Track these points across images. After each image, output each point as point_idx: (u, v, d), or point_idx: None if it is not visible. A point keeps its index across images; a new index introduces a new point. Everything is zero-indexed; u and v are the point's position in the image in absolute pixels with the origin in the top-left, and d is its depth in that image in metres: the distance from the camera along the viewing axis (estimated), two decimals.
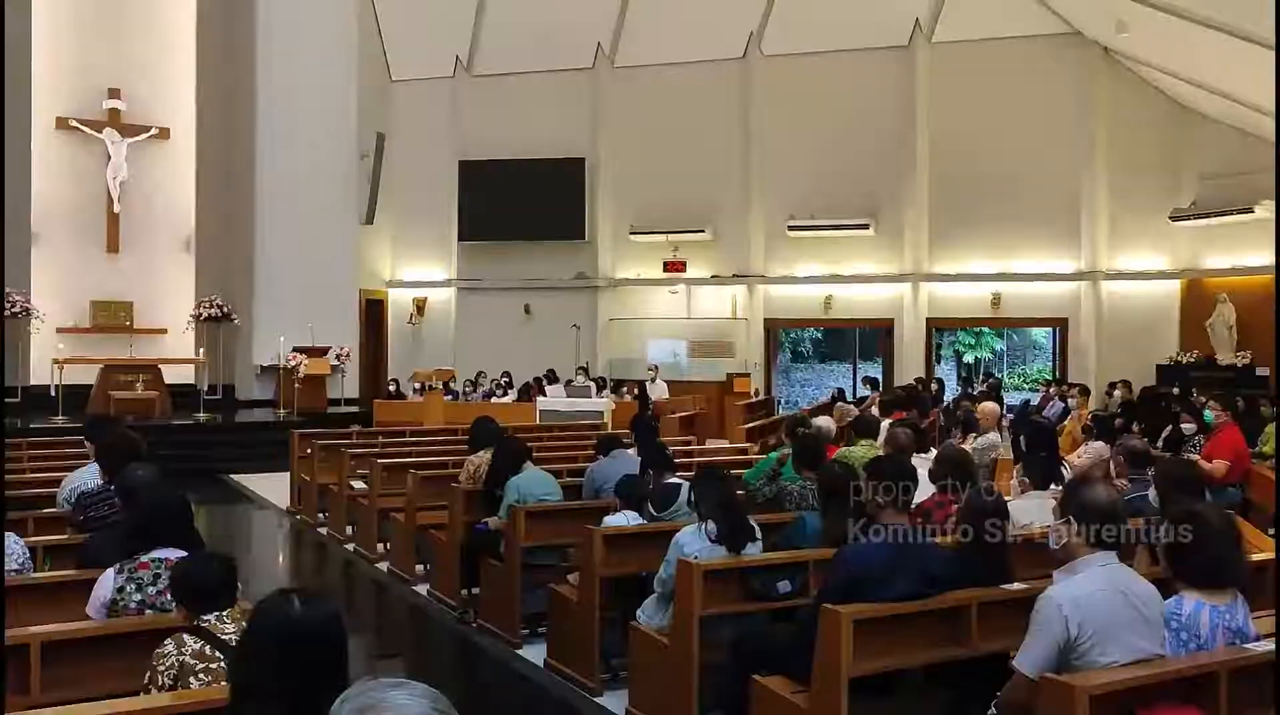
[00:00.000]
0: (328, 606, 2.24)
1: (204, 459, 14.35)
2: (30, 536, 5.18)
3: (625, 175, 20.18)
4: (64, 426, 13.78)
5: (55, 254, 18.01)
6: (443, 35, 20.43)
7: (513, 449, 7.18)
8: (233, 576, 3.18)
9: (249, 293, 18.36)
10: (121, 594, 3.73)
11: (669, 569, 4.93)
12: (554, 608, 6.07)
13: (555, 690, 5.79)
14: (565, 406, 15.40)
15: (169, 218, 18.96)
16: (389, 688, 1.47)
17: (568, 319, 19.50)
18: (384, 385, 19.22)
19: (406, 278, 21.53)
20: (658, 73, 19.88)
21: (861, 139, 18.83)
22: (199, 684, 2.91)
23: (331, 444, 11.03)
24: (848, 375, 23.93)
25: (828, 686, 3.81)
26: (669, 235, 19.94)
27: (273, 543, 11.14)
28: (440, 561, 7.66)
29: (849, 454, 6.89)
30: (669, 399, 17.20)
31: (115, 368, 16.43)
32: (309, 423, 15.11)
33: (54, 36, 17.85)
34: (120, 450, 5.21)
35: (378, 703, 1.44)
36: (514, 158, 20.19)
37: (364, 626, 7.76)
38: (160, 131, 18.72)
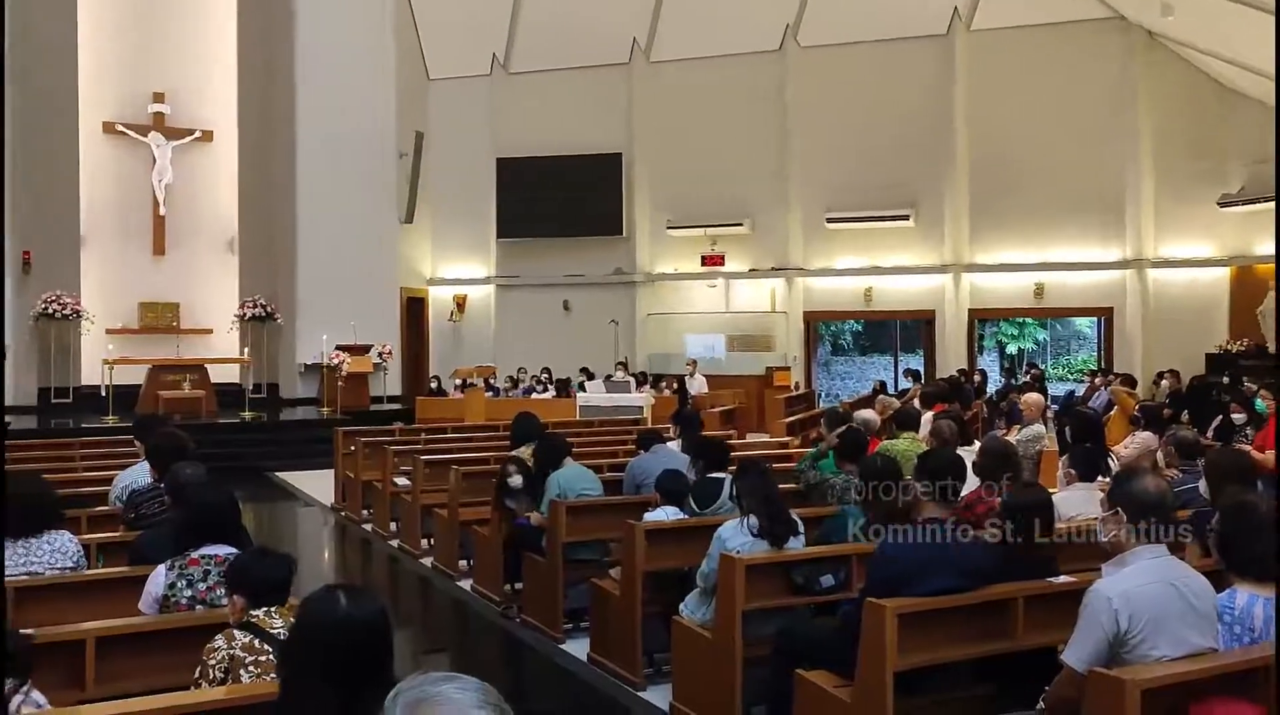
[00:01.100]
0: (373, 602, 2.27)
1: (250, 457, 14.54)
2: (84, 534, 5.28)
3: (662, 170, 20.15)
4: (115, 426, 14.05)
5: (104, 256, 18.34)
6: (479, 33, 20.52)
7: (553, 444, 7.21)
8: (292, 575, 3.24)
9: (292, 292, 18.59)
10: (173, 590, 3.79)
11: (711, 563, 4.92)
12: (596, 602, 6.08)
13: (599, 684, 5.81)
14: (605, 402, 15.43)
15: (213, 219, 19.22)
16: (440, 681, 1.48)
17: (606, 314, 19.54)
18: (426, 382, 19.39)
19: (446, 275, 21.67)
20: (693, 67, 19.84)
21: (900, 129, 18.66)
22: (249, 677, 2.95)
23: (375, 441, 11.12)
24: (889, 367, 23.77)
25: (872, 681, 3.79)
26: (707, 229, 19.90)
27: (318, 539, 11.27)
28: (483, 557, 7.71)
29: (891, 447, 6.84)
30: (708, 393, 17.17)
31: (163, 368, 16.71)
32: (352, 420, 15.28)
33: (99, 42, 18.15)
34: (169, 449, 5.29)
35: (430, 696, 1.44)
36: (551, 154, 20.24)
37: (409, 622, 7.83)
38: (203, 134, 18.98)
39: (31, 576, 4.20)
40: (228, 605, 3.23)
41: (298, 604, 2.60)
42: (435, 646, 7.25)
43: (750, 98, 19.65)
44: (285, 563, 3.23)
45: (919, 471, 4.29)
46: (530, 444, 7.54)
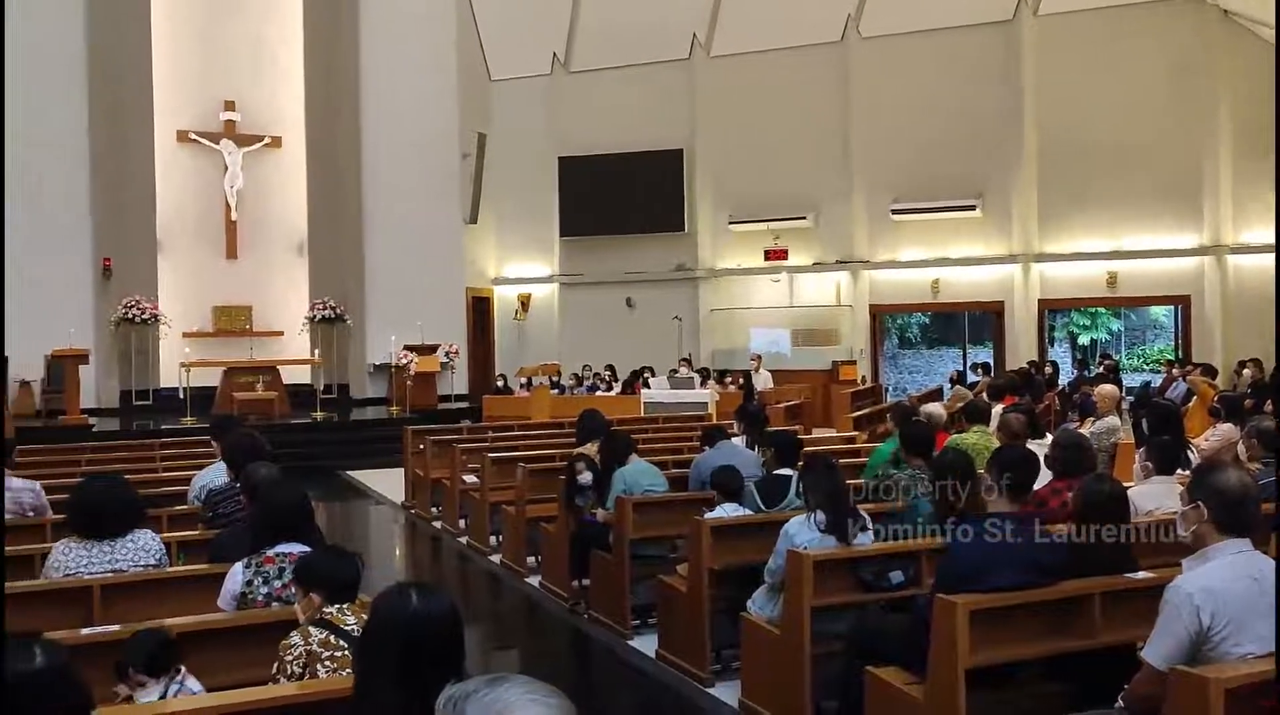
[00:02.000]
0: (444, 599, 2.30)
1: (322, 456, 14.82)
2: (165, 533, 5.42)
3: (724, 165, 20.09)
4: (192, 427, 14.43)
5: (179, 262, 18.83)
6: (540, 34, 20.65)
7: (618, 441, 7.23)
8: (360, 573, 3.30)
9: (360, 294, 18.92)
10: (250, 587, 3.88)
11: (778, 560, 4.90)
12: (663, 599, 6.09)
13: (667, 681, 5.82)
14: (669, 398, 15.42)
15: (283, 223, 19.62)
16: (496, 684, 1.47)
17: (669, 311, 19.54)
18: (492, 381, 19.57)
19: (510, 275, 21.85)
20: (754, 60, 19.74)
21: (965, 118, 18.36)
22: (325, 672, 3.01)
23: (443, 439, 11.27)
24: (957, 360, 23.41)
25: (944, 678, 3.74)
26: (769, 223, 19.79)
27: (389, 536, 11.44)
28: (550, 554, 7.77)
29: (961, 440, 6.74)
30: (773, 388, 17.08)
31: (237, 370, 17.11)
32: (421, 419, 15.50)
33: (172, 54, 18.63)
34: (244, 449, 5.42)
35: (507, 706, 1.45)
36: (612, 152, 20.30)
37: (478, 618, 7.91)
38: (272, 140, 19.38)
39: (116, 574, 4.33)
40: (299, 603, 3.30)
41: (369, 601, 2.65)
42: (504, 643, 7.32)
43: (812, 90, 19.49)
44: (354, 561, 3.29)
45: (991, 466, 4.22)
46: (596, 441, 7.57)
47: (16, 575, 4.93)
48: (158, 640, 3.28)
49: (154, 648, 3.24)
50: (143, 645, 3.24)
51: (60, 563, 4.34)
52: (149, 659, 3.21)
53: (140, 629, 3.39)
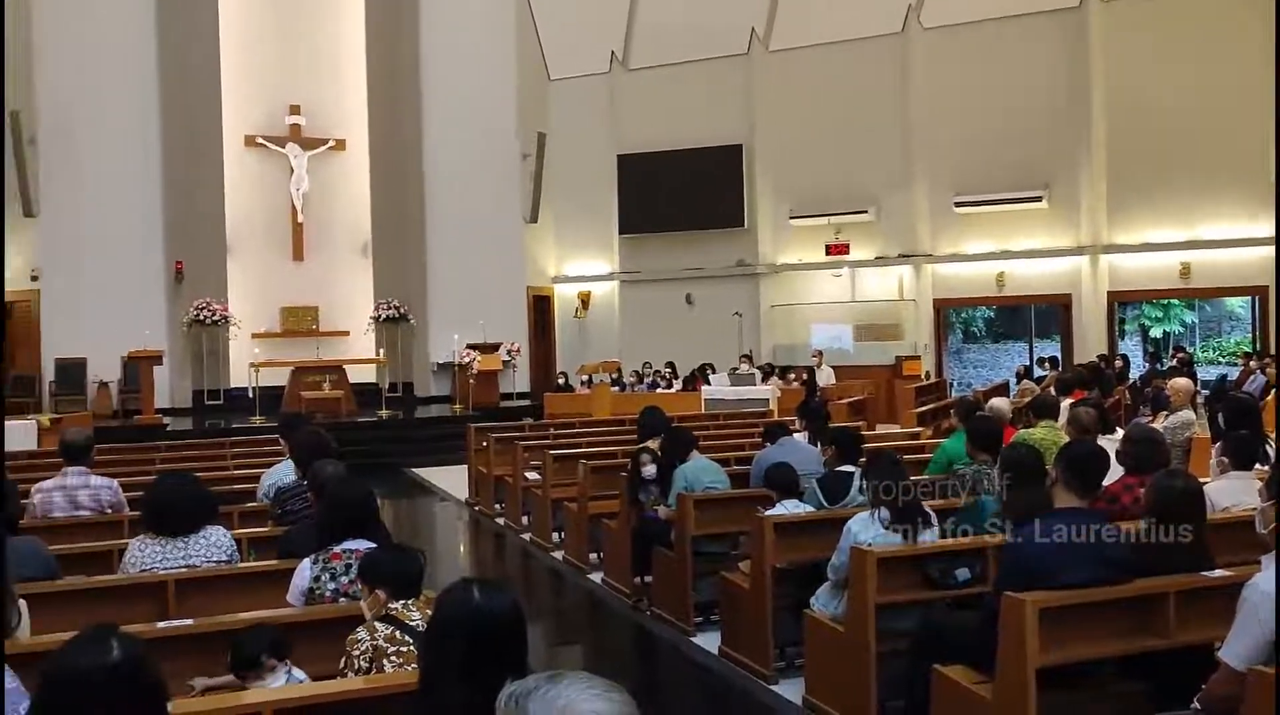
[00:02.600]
0: (506, 595, 2.31)
1: (387, 454, 15.04)
2: (235, 529, 5.53)
3: (783, 160, 19.95)
4: (261, 426, 14.74)
5: (248, 264, 19.25)
6: (598, 32, 20.70)
7: (680, 437, 7.23)
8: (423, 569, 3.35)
9: (423, 293, 19.17)
10: (317, 583, 3.95)
11: (841, 556, 4.85)
12: (726, 596, 6.07)
13: (730, 678, 5.80)
14: (730, 395, 15.37)
15: (347, 225, 19.95)
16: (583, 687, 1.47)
17: (730, 307, 19.46)
18: (553, 378, 19.68)
19: (570, 273, 21.94)
20: (813, 54, 19.57)
21: (1030, 107, 18.01)
22: (391, 667, 3.05)
23: (505, 437, 11.36)
24: (1023, 354, 22.98)
25: (1013, 678, 3.68)
26: (830, 218, 19.61)
27: (454, 533, 11.57)
28: (612, 550, 7.79)
29: (1029, 436, 6.61)
30: (836, 384, 16.93)
31: (304, 369, 17.44)
32: (483, 417, 15.66)
33: (238, 61, 19.05)
34: (311, 447, 5.51)
35: (570, 702, 1.45)
36: (671, 149, 20.27)
37: (541, 614, 7.96)
38: (337, 143, 19.72)
39: (189, 570, 4.43)
40: (364, 600, 3.34)
41: (434, 597, 2.68)
42: (567, 639, 7.36)
43: (873, 82, 19.27)
44: (417, 557, 3.34)
45: (1058, 461, 4.14)
46: (657, 437, 7.57)
47: (96, 570, 5.09)
48: (275, 632, 3.46)
49: (277, 636, 3.43)
50: (266, 636, 3.42)
51: (136, 558, 4.45)
52: (275, 646, 3.40)
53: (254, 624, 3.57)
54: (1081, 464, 4.06)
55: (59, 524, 5.97)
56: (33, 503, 6.14)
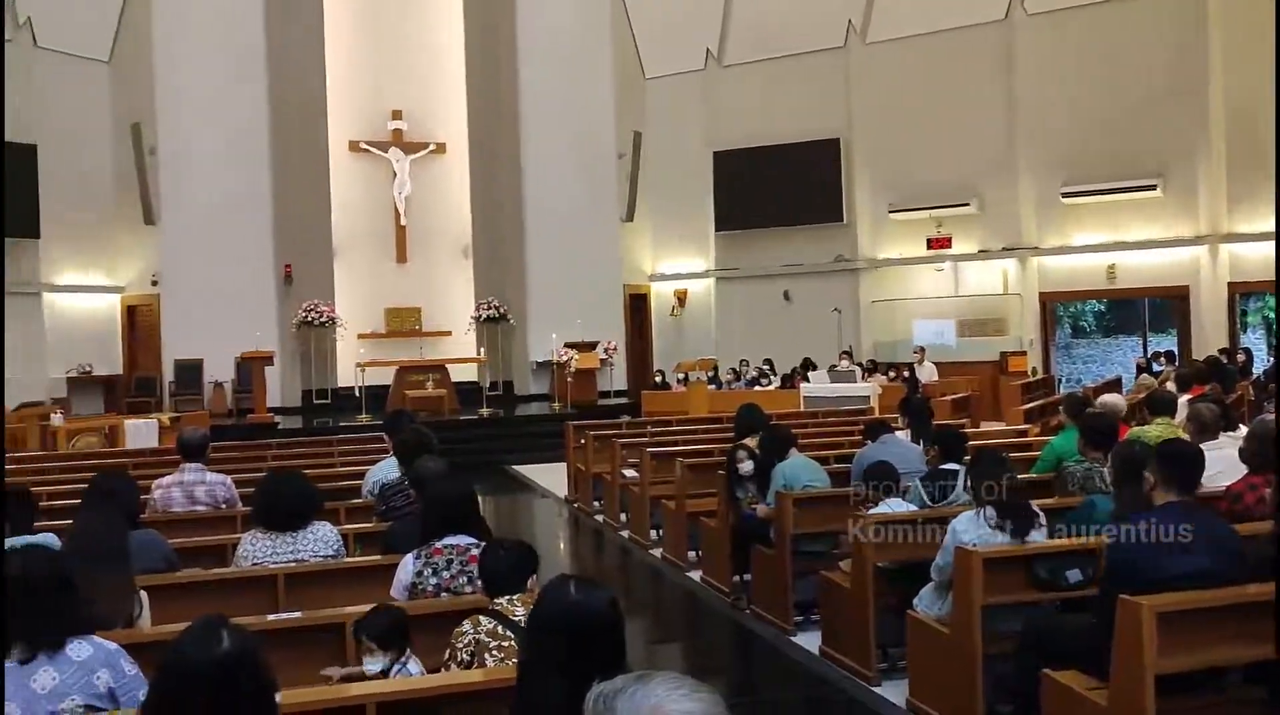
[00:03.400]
0: (603, 592, 2.31)
1: (489, 451, 15.27)
2: (342, 525, 5.68)
3: (882, 153, 19.61)
4: (367, 424, 15.12)
5: (354, 267, 19.77)
6: (693, 29, 20.67)
7: (778, 435, 7.15)
8: (528, 565, 3.37)
9: (522, 293, 19.42)
10: (420, 577, 4.02)
11: (946, 556, 4.74)
12: (826, 595, 5.99)
13: (832, 678, 5.72)
14: (829, 392, 15.18)
15: (448, 227, 20.33)
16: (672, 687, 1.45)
17: (828, 303, 19.21)
18: (650, 376, 19.73)
19: (666, 271, 21.95)
20: (912, 44, 19.19)
21: (1142, 92, 17.33)
22: (493, 661, 3.09)
23: (603, 434, 11.43)
24: (1136, 349, 22.17)
25: (1130, 684, 3.53)
26: (931, 211, 19.21)
27: (553, 530, 11.67)
28: (711, 548, 7.75)
29: (1143, 433, 6.36)
30: (938, 381, 16.59)
31: (408, 369, 17.83)
32: (582, 415, 15.77)
33: (342, 69, 19.57)
34: (413, 445, 5.62)
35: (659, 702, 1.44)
36: (767, 144, 20.11)
37: (640, 612, 7.97)
38: (437, 147, 20.12)
39: (298, 564, 4.56)
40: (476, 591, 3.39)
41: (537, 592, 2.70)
42: (666, 637, 7.35)
43: (974, 71, 18.80)
44: (521, 553, 3.37)
45: (1152, 462, 4.01)
46: (754, 435, 7.51)
47: (211, 563, 5.28)
48: (391, 619, 3.53)
49: (387, 625, 3.50)
50: (378, 621, 3.51)
51: (248, 552, 4.60)
52: (379, 632, 3.47)
53: (381, 606, 3.67)
54: (1173, 463, 3.94)
55: (177, 518, 6.21)
56: (153, 498, 6.40)
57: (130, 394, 18.23)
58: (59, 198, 17.55)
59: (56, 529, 4.68)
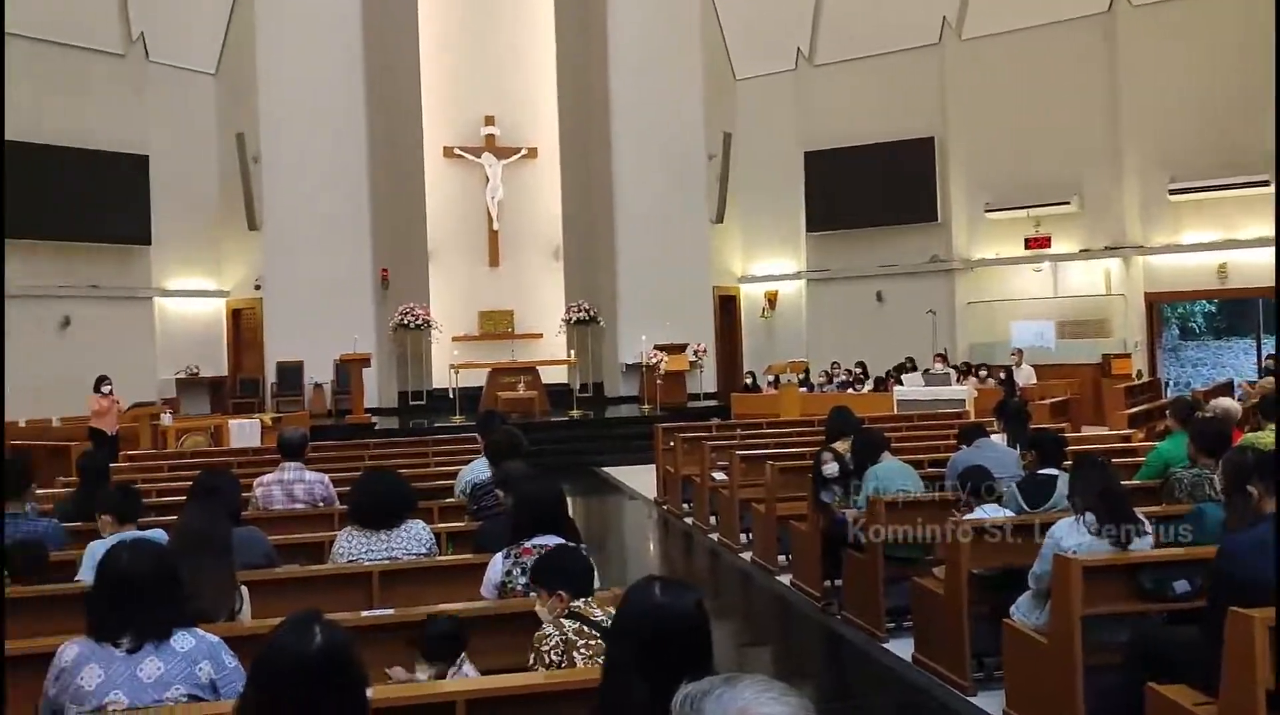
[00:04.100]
0: (688, 594, 2.30)
1: (579, 452, 15.40)
2: (436, 523, 5.78)
3: (978, 151, 19.18)
4: (460, 425, 15.38)
5: (448, 270, 20.13)
6: (784, 29, 20.52)
7: (871, 438, 7.04)
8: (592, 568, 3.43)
9: (612, 296, 19.53)
10: (509, 576, 4.06)
11: (1044, 564, 4.61)
12: (918, 601, 5.88)
13: (925, 686, 5.61)
14: (924, 395, 14.91)
15: (540, 230, 20.55)
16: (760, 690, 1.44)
17: (922, 305, 18.85)
18: (740, 379, 19.63)
19: (757, 272, 21.82)
20: (1010, 40, 18.73)
21: (1252, 83, 16.56)
22: (582, 660, 3.09)
23: (693, 437, 11.40)
24: (1249, 351, 21.28)
25: (1240, 700, 3.38)
26: (1029, 210, 18.71)
27: (643, 532, 11.70)
28: (801, 552, 7.67)
29: (1256, 439, 6.10)
30: (1037, 384, 16.15)
31: (500, 371, 18.09)
32: (671, 417, 15.79)
33: (436, 76, 19.95)
34: (503, 445, 5.69)
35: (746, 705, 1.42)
36: (860, 144, 19.84)
37: (730, 615, 7.93)
38: (529, 151, 20.36)
39: (392, 561, 4.65)
40: (541, 602, 3.39)
41: (617, 593, 2.70)
42: (756, 641, 7.30)
43: (1075, 65, 18.25)
44: (586, 557, 3.40)
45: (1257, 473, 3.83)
46: (846, 439, 7.40)
47: (309, 559, 5.42)
48: (443, 629, 3.56)
49: (435, 637, 3.53)
50: (430, 632, 3.55)
51: (344, 549, 4.71)
52: (427, 644, 3.50)
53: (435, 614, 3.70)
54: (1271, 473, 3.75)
55: (276, 515, 6.39)
56: (254, 496, 6.60)
57: (235, 395, 18.87)
58: (169, 206, 18.27)
59: (164, 524, 4.85)
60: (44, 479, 9.19)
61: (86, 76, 17.38)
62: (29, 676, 3.16)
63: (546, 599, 3.36)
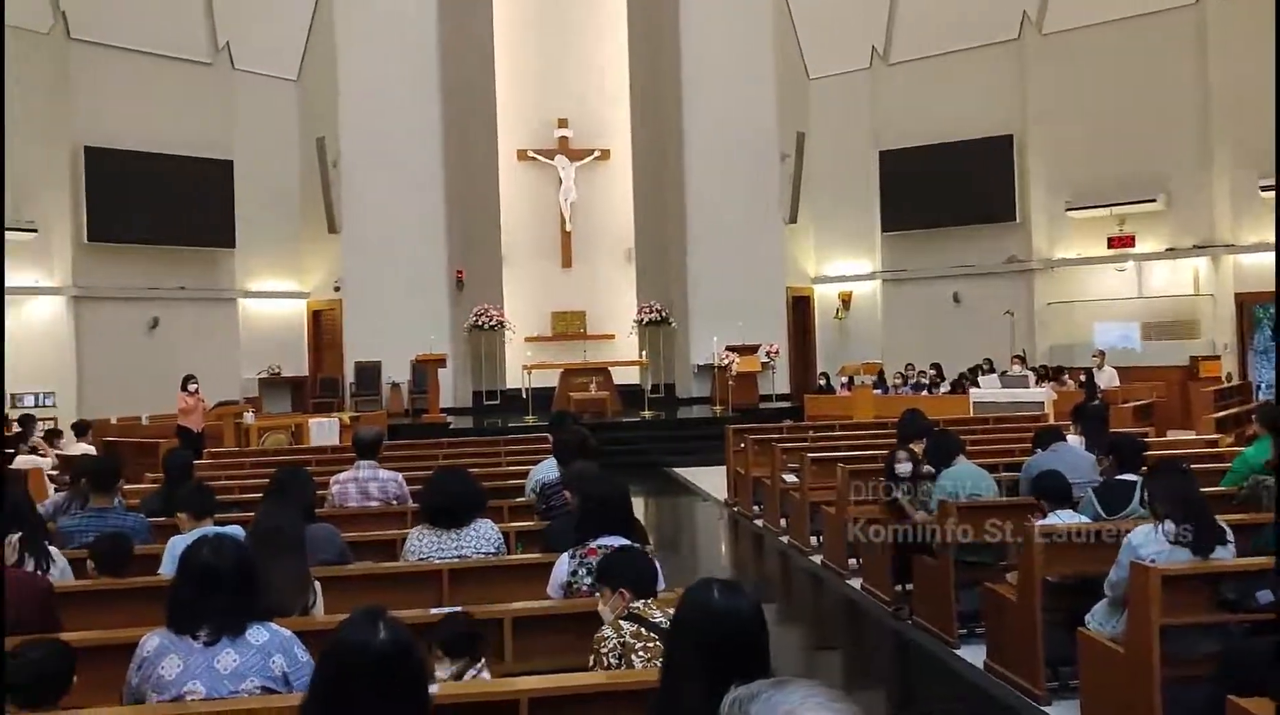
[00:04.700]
0: (746, 596, 2.29)
1: (650, 453, 15.44)
2: (506, 522, 5.86)
3: (1059, 148, 18.74)
4: (533, 425, 15.52)
5: (522, 272, 20.35)
6: (858, 28, 20.31)
7: (944, 441, 6.95)
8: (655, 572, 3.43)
9: (684, 296, 19.54)
10: (575, 576, 4.09)
11: (1120, 572, 4.50)
12: (990, 608, 5.77)
13: (997, 694, 5.51)
14: (1001, 398, 14.61)
15: (612, 232, 20.65)
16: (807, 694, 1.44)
17: (1000, 305, 18.48)
18: (813, 380, 19.48)
19: (830, 273, 21.62)
20: (1092, 34, 18.27)
21: None
22: (640, 662, 3.11)
23: (763, 438, 11.35)
24: None
25: None
26: (1112, 208, 18.22)
27: (713, 533, 11.68)
28: (871, 555, 7.59)
29: None
30: (1120, 387, 15.73)
31: (573, 371, 18.22)
32: (743, 418, 15.72)
33: (511, 80, 20.18)
34: (571, 445, 5.74)
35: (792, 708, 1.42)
36: (936, 142, 19.54)
37: (799, 618, 7.91)
38: (601, 153, 20.47)
39: (461, 559, 4.72)
40: (604, 600, 3.42)
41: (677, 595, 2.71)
42: (825, 644, 7.25)
43: (1162, 58, 17.73)
44: (652, 559, 3.41)
45: None
46: (918, 441, 7.31)
47: (381, 556, 5.53)
48: (459, 628, 3.53)
49: (454, 633, 3.50)
50: (447, 629, 3.52)
51: (415, 547, 4.80)
52: (447, 640, 3.48)
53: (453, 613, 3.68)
54: None
55: (351, 513, 6.53)
56: (331, 493, 6.75)
57: (315, 394, 19.30)
58: (253, 209, 18.76)
59: (243, 520, 4.99)
60: (133, 475, 9.54)
61: (176, 85, 17.95)
62: (114, 664, 3.28)
63: (609, 597, 3.38)
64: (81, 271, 16.69)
